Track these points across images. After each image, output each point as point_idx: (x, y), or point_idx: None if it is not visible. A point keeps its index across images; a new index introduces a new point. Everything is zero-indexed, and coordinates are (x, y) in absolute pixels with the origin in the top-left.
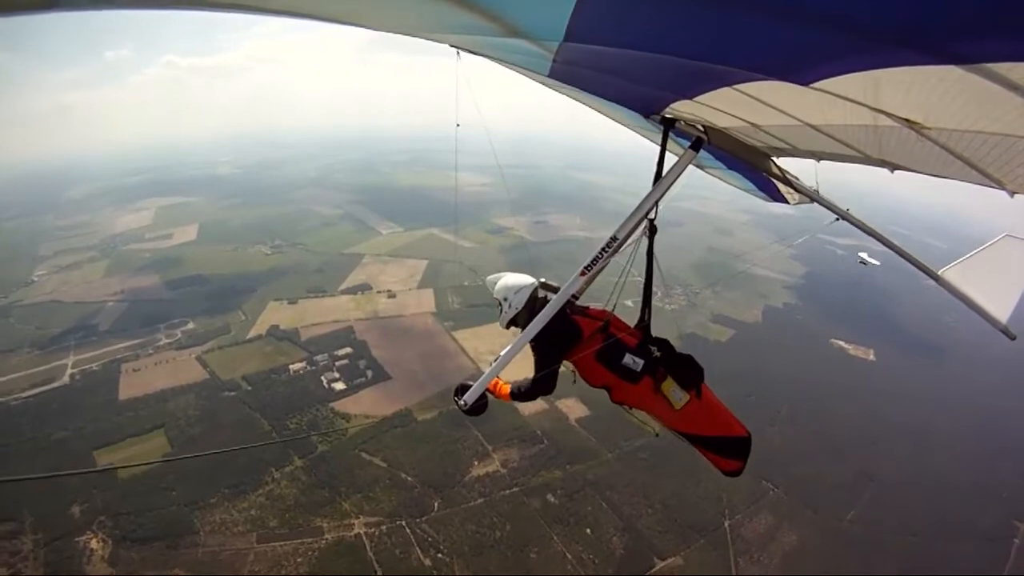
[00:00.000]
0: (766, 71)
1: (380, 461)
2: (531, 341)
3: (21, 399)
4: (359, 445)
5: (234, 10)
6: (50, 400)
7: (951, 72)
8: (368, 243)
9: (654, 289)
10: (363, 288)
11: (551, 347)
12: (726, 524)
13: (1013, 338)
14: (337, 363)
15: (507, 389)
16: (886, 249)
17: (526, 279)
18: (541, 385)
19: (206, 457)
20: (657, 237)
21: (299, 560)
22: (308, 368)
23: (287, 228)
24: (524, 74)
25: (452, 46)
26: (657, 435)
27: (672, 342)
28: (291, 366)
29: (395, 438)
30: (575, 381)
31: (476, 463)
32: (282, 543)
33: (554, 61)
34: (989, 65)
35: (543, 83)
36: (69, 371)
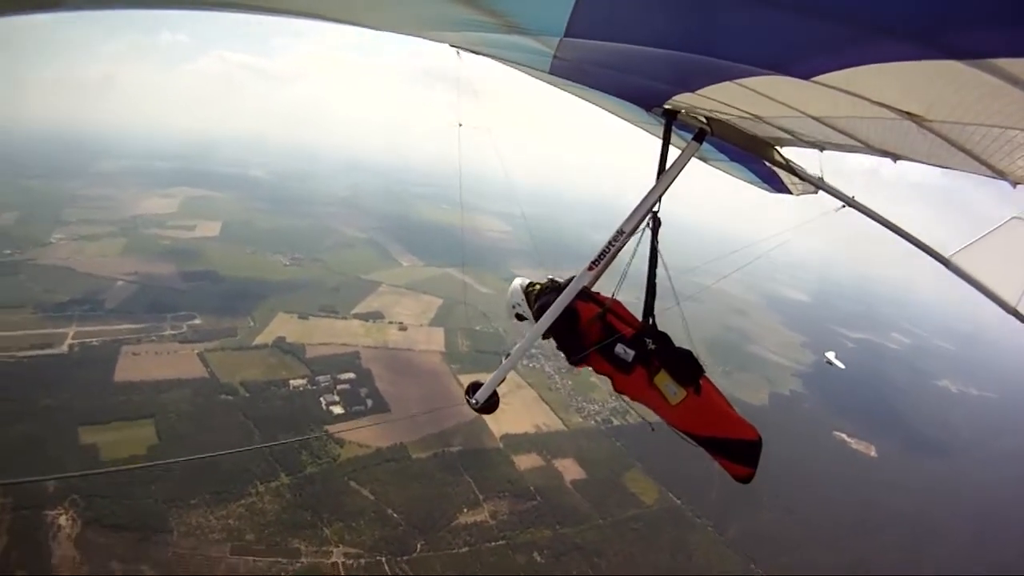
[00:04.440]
0: (767, 66)
1: (368, 493)
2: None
3: (16, 358)
4: (349, 473)
5: (240, 10)
6: (44, 366)
7: (952, 67)
8: (387, 272)
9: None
10: (376, 316)
11: (560, 333)
12: None
13: None
14: (339, 387)
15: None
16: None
17: (514, 283)
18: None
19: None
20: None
21: None
22: (309, 387)
23: (309, 242)
24: (525, 72)
25: (452, 46)
26: (653, 429)
27: None
28: (292, 381)
29: (386, 472)
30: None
31: (465, 510)
32: (256, 559)
33: (555, 57)
34: (992, 60)
35: (544, 80)
36: (68, 341)
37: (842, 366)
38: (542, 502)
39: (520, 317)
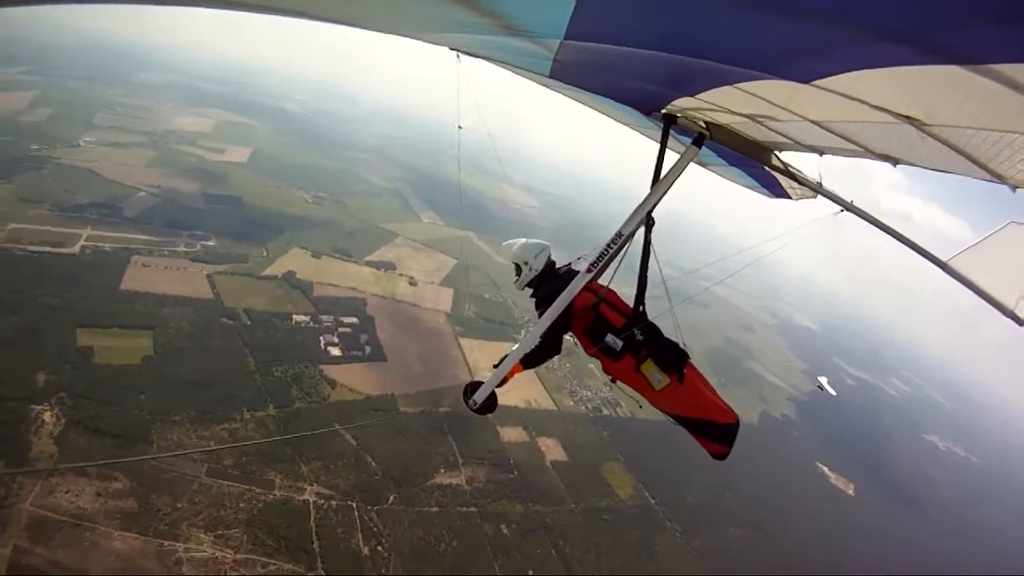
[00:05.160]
0: (767, 70)
1: (351, 438)
2: (537, 309)
3: (26, 251)
4: (336, 415)
5: (236, 8)
6: (53, 263)
7: (952, 72)
8: (406, 225)
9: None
10: (388, 266)
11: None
12: None
13: (1021, 323)
14: (340, 329)
15: (519, 367)
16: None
17: (543, 242)
18: (547, 347)
19: (187, 374)
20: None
21: (241, 506)
22: (311, 324)
23: (334, 183)
24: (524, 76)
25: (452, 48)
26: (640, 407)
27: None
28: (295, 316)
29: (372, 421)
30: (576, 345)
31: (443, 471)
32: (230, 484)
33: (554, 60)
34: (992, 66)
35: (544, 84)
36: (81, 243)
37: (833, 392)
38: (519, 477)
39: (519, 270)
